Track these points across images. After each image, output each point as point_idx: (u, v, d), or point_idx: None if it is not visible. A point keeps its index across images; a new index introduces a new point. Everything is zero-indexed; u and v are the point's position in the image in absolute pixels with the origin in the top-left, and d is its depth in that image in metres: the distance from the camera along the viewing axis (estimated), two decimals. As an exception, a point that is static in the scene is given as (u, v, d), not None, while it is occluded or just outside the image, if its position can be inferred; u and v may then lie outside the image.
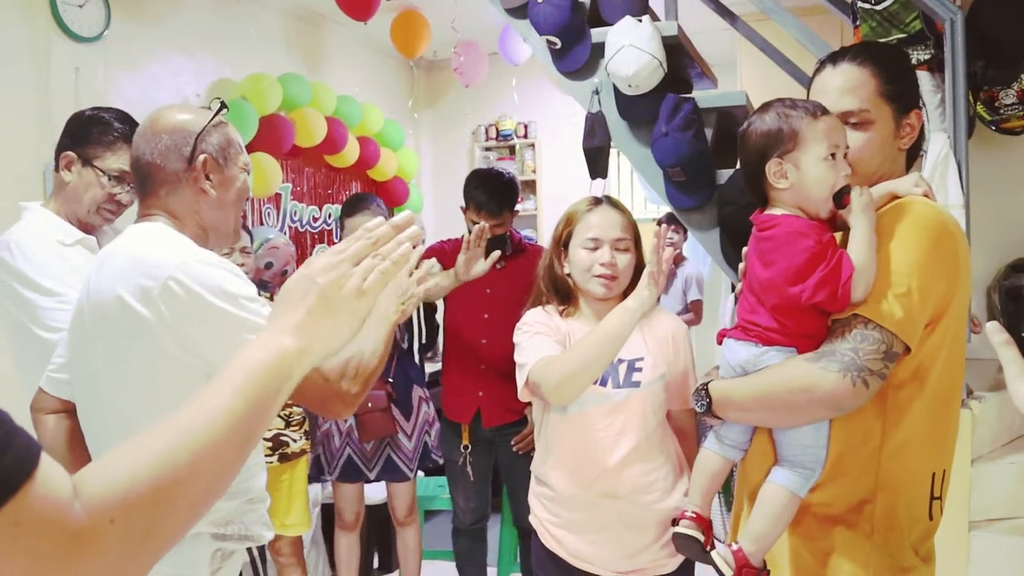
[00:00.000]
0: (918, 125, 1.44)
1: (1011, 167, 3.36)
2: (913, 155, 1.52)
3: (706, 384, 1.52)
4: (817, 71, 1.52)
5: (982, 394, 2.55)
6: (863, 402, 1.31)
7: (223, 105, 1.58)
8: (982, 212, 2.92)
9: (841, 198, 1.37)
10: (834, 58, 1.49)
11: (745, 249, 1.51)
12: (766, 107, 1.42)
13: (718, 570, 1.44)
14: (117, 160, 2.02)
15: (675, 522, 1.58)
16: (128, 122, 2.08)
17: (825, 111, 1.39)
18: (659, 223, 4.50)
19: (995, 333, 1.05)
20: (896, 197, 1.41)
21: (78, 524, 0.65)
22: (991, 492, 2.50)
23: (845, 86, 1.43)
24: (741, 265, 1.52)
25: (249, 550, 1.64)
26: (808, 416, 1.37)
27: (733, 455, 1.53)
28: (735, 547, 1.43)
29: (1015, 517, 2.51)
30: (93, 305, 1.42)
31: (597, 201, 2.05)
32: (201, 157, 1.51)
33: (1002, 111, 3.13)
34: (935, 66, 2.90)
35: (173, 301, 1.34)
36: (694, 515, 1.55)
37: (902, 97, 1.43)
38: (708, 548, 1.53)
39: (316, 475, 3.13)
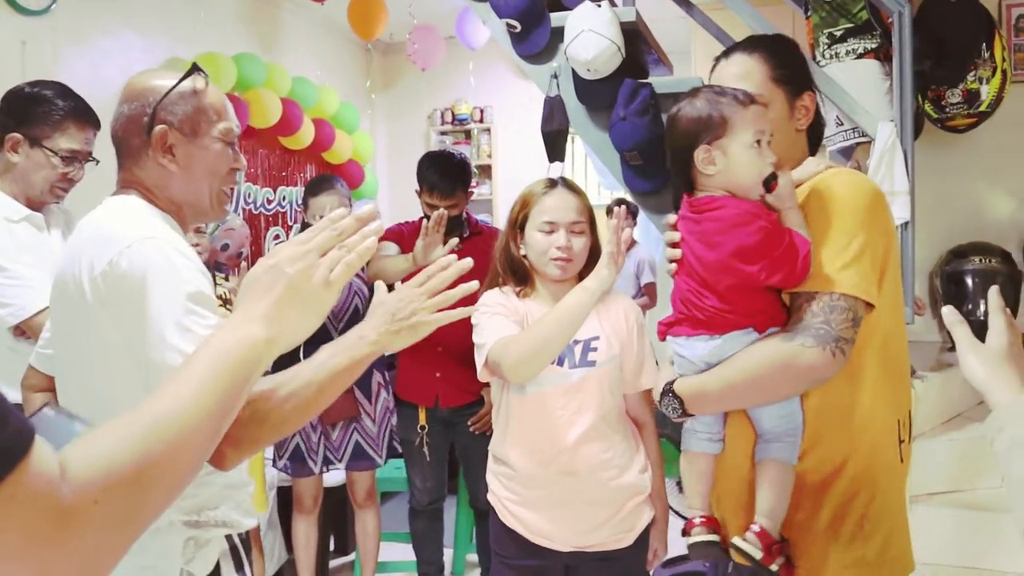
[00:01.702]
0: (812, 106, 1.51)
1: (954, 157, 3.48)
2: (816, 137, 1.58)
3: (671, 387, 1.50)
4: (712, 68, 1.59)
5: (924, 374, 2.65)
6: (840, 369, 1.38)
7: (195, 68, 1.43)
8: (926, 200, 3.02)
9: (770, 183, 1.41)
10: (727, 52, 1.57)
11: (669, 219, 1.51)
12: (695, 93, 1.45)
13: (748, 556, 1.43)
14: (67, 140, 1.98)
15: (686, 533, 1.55)
16: (70, 97, 2.03)
17: (753, 99, 1.43)
18: (612, 208, 4.56)
19: (949, 315, 1.13)
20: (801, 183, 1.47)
21: (66, 503, 0.66)
22: (932, 468, 2.60)
23: (738, 74, 1.51)
24: (669, 251, 1.50)
25: (229, 538, 1.50)
26: (789, 392, 1.42)
27: (715, 448, 1.54)
28: (756, 528, 1.44)
29: (954, 491, 2.62)
30: (57, 279, 1.38)
31: (553, 183, 2.06)
32: (158, 128, 1.37)
33: (948, 110, 3.24)
34: (882, 55, 2.98)
35: (114, 279, 1.25)
36: (703, 519, 1.53)
37: (793, 80, 1.50)
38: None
39: (300, 470, 3.05)
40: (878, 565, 1.44)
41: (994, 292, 1.11)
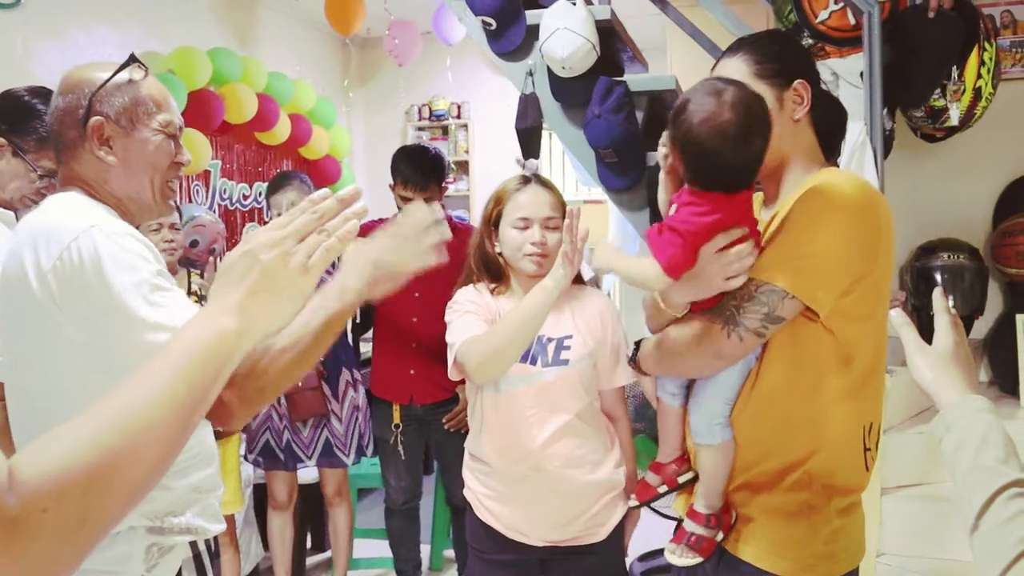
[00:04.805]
0: (806, 94, 1.49)
1: (924, 153, 3.52)
2: (832, 130, 1.59)
3: (637, 343, 1.60)
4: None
5: (893, 368, 2.68)
6: (744, 354, 1.44)
7: (132, 59, 1.39)
8: (896, 196, 3.05)
9: None
10: (719, 59, 1.59)
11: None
12: (722, 89, 1.40)
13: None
14: (49, 161, 1.97)
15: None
16: None
17: None
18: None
19: (896, 317, 1.15)
20: None
21: (11, 512, 0.63)
22: (900, 461, 2.64)
23: (725, 75, 1.51)
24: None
25: (194, 545, 1.47)
26: (700, 365, 1.51)
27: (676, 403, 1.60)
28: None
29: (922, 484, 2.66)
30: (2, 277, 1.34)
31: (526, 180, 2.07)
32: (94, 120, 1.34)
33: (914, 120, 3.26)
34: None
35: (65, 273, 1.21)
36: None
37: (778, 73, 1.50)
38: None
39: (271, 464, 3.06)
40: (823, 556, 1.47)
41: (938, 293, 1.13)
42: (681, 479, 1.63)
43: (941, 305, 1.12)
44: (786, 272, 1.38)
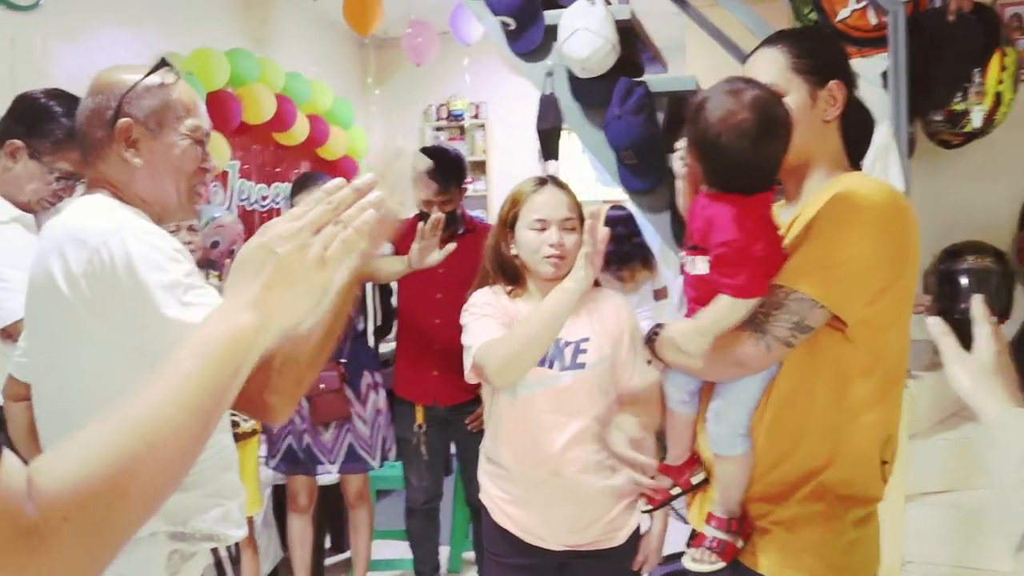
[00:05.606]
0: (840, 96, 1.47)
1: (948, 156, 3.47)
2: (860, 137, 1.56)
3: (656, 332, 1.57)
4: (744, 64, 1.61)
5: (918, 374, 2.65)
6: (770, 364, 1.41)
7: (163, 62, 1.40)
8: (921, 199, 3.01)
9: None
10: (757, 48, 1.57)
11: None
12: (760, 87, 1.39)
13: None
14: (65, 162, 1.98)
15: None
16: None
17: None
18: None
19: (935, 326, 1.13)
20: None
21: (31, 521, 0.62)
22: (925, 467, 2.60)
23: (760, 65, 1.51)
24: None
25: (215, 551, 1.50)
26: (724, 370, 1.48)
27: (688, 410, 1.58)
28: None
29: (947, 491, 2.62)
30: (30, 282, 1.35)
31: (542, 181, 2.05)
32: (122, 121, 1.35)
33: (932, 126, 3.21)
34: None
35: (96, 275, 1.22)
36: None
37: (816, 70, 1.47)
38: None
39: (292, 469, 3.05)
40: (839, 568, 1.45)
41: (978, 301, 1.11)
42: (694, 480, 1.61)
43: (981, 314, 1.09)
44: (815, 281, 1.35)
